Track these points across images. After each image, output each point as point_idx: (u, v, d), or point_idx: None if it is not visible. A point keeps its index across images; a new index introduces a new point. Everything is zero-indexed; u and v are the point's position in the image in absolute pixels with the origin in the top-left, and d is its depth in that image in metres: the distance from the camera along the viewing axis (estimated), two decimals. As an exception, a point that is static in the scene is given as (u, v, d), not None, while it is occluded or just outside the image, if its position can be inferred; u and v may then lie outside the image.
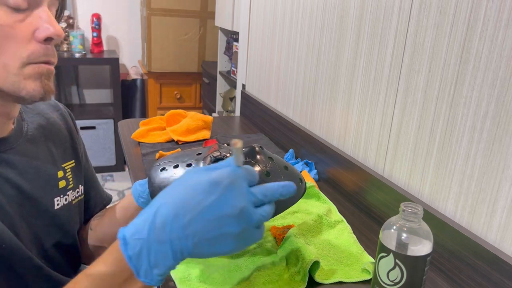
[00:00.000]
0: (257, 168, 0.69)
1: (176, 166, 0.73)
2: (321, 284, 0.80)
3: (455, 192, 0.86)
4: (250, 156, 0.71)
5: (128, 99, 3.44)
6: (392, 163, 1.04)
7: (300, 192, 0.73)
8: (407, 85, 0.97)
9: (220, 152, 0.73)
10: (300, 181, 0.73)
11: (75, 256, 0.81)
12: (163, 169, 0.74)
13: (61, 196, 0.76)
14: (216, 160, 0.71)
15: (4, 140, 0.67)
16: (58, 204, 0.75)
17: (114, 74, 3.10)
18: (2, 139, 0.67)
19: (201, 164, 0.71)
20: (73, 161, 0.82)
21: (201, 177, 0.52)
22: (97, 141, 3.20)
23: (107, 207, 0.93)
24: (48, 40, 0.61)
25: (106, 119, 3.20)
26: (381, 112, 1.07)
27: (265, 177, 0.69)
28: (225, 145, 0.77)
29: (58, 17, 0.67)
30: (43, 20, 0.60)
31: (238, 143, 0.52)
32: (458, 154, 0.85)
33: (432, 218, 0.87)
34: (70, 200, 0.78)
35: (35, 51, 0.60)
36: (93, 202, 0.91)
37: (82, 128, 3.11)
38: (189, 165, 0.72)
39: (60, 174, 0.77)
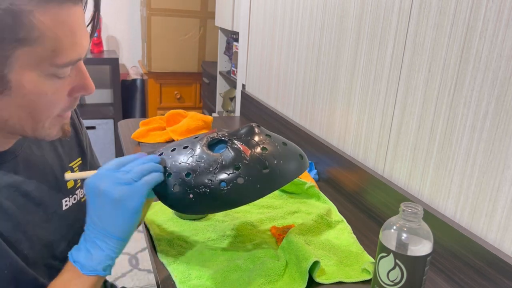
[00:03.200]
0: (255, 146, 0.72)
1: (173, 150, 0.75)
2: (321, 284, 0.80)
3: (455, 192, 0.86)
4: (248, 134, 0.72)
5: (128, 99, 3.44)
6: (392, 163, 1.04)
7: (302, 167, 0.74)
8: (407, 85, 0.97)
9: (217, 133, 0.74)
10: (300, 157, 0.74)
11: None
12: (161, 154, 0.75)
13: (70, 196, 0.76)
14: (212, 140, 0.73)
15: (9, 150, 0.66)
16: (66, 205, 0.75)
17: (114, 74, 3.10)
18: (8, 150, 0.66)
19: (198, 146, 0.73)
20: (79, 158, 0.81)
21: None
22: (97, 141, 3.19)
23: None
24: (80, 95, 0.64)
25: (106, 119, 3.19)
26: (381, 112, 1.07)
27: (264, 151, 0.70)
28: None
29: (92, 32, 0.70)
30: (80, 78, 0.62)
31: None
32: (458, 154, 0.85)
33: (432, 218, 0.87)
34: (78, 198, 0.78)
35: (65, 106, 0.63)
36: None
37: (82, 128, 3.10)
38: (185, 147, 0.74)
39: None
